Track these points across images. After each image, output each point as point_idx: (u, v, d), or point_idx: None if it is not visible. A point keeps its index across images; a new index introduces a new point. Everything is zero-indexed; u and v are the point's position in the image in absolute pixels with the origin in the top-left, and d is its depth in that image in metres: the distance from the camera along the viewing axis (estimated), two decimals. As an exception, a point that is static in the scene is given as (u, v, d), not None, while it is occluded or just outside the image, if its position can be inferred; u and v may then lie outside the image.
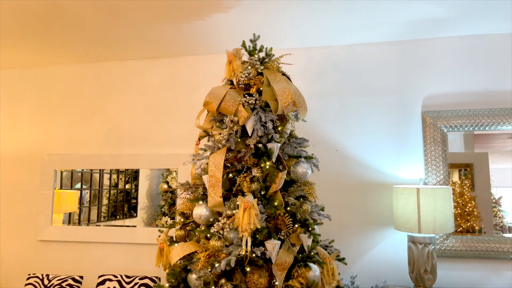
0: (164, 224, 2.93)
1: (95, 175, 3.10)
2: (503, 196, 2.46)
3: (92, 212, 3.08)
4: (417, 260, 2.24)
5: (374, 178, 2.60)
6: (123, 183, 3.07)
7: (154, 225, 3.02)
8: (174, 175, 3.04)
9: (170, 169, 2.97)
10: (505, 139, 2.48)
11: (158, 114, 3.02)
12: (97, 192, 3.08)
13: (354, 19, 2.40)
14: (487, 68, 2.54)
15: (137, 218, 3.05)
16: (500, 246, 2.36)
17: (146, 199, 3.07)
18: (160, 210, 2.99)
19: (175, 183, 3.04)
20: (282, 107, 1.91)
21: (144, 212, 3.07)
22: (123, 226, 3.03)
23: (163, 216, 3.06)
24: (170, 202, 3.06)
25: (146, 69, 3.09)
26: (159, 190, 3.05)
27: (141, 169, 3.00)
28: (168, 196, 3.07)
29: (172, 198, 3.04)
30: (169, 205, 3.07)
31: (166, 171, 3.01)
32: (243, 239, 1.77)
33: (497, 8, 2.23)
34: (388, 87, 2.67)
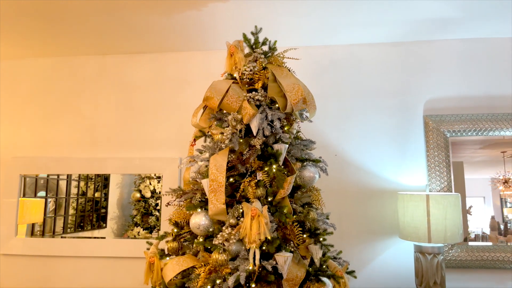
0: (136, 235, 2.69)
1: (61, 182, 2.80)
2: (473, 205, 2.39)
3: (57, 223, 2.78)
4: (426, 272, 2.10)
5: (375, 184, 2.47)
6: (92, 191, 2.80)
7: (126, 236, 2.76)
8: (148, 183, 2.81)
9: (155, 174, 2.71)
10: (476, 149, 2.41)
11: (140, 114, 2.76)
12: (62, 200, 2.78)
13: (355, 17, 2.27)
14: (488, 72, 2.48)
15: (107, 229, 2.78)
16: (506, 255, 2.27)
17: (116, 209, 2.81)
18: (132, 220, 2.74)
19: (148, 191, 2.81)
20: (292, 104, 1.73)
21: (114, 222, 2.81)
22: (91, 237, 2.75)
23: (135, 227, 2.81)
24: (143, 211, 2.82)
25: (128, 65, 2.83)
26: (131, 199, 2.80)
27: (112, 177, 2.74)
28: (141, 205, 2.83)
29: (145, 207, 2.80)
30: (142, 215, 2.83)
31: (139, 178, 2.77)
32: (250, 251, 1.56)
33: (499, 11, 2.17)
34: (389, 89, 2.55)
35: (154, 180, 2.76)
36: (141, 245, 2.60)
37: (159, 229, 2.66)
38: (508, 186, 2.37)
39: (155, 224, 2.76)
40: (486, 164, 2.41)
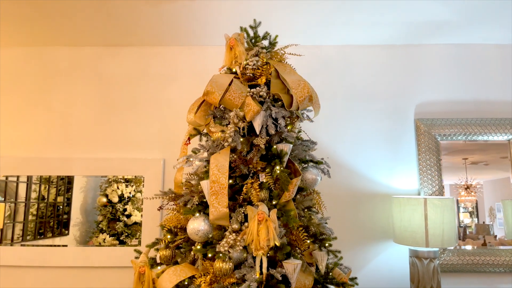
0: (102, 242, 2.49)
1: (21, 186, 2.54)
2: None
3: (12, 230, 2.52)
4: (422, 277, 2.06)
5: (367, 187, 2.42)
6: (54, 196, 2.57)
7: (91, 243, 2.54)
8: (115, 187, 2.62)
9: (123, 177, 2.51)
10: (442, 155, 2.45)
11: (119, 111, 2.56)
12: (20, 205, 2.52)
13: (350, 16, 2.23)
14: (476, 78, 2.51)
15: (69, 236, 2.56)
16: (496, 259, 2.29)
17: (80, 214, 2.59)
18: (97, 226, 2.53)
19: (116, 196, 2.62)
20: (297, 101, 1.64)
21: (77, 229, 2.58)
22: (53, 245, 2.52)
23: (100, 233, 2.61)
24: (110, 217, 2.63)
25: (106, 58, 2.62)
26: (97, 203, 2.60)
27: (76, 180, 2.51)
28: (107, 211, 2.63)
29: (112, 213, 2.61)
30: (109, 220, 2.64)
31: (105, 182, 2.57)
32: (257, 259, 1.44)
33: (488, 18, 2.21)
34: (380, 91, 2.53)
35: (122, 184, 2.57)
36: (109, 252, 2.41)
37: (137, 237, 2.46)
38: (469, 192, 2.40)
39: (123, 230, 2.57)
40: (448, 170, 2.43)
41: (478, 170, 2.41)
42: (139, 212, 2.50)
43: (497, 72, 2.51)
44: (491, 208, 2.39)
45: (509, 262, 2.28)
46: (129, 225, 2.54)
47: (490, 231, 2.37)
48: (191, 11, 2.18)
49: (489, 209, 2.39)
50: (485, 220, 2.37)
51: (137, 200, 2.52)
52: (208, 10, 2.17)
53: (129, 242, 2.49)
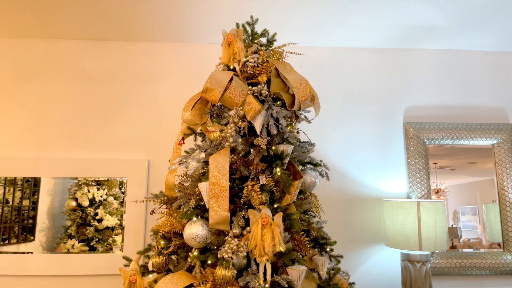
0: (70, 249, 2.34)
1: None
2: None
3: None
4: (415, 281, 2.06)
5: (357, 191, 2.40)
6: (18, 199, 2.39)
7: (59, 250, 2.39)
8: (86, 191, 2.48)
9: (95, 179, 2.37)
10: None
11: (100, 109, 2.42)
12: None
13: (341, 19, 2.22)
14: (464, 83, 2.56)
15: (35, 242, 2.39)
16: (482, 261, 2.32)
17: (46, 219, 2.43)
18: (65, 232, 2.38)
19: (86, 199, 2.47)
20: (299, 101, 1.58)
21: (44, 234, 2.42)
22: (18, 252, 2.34)
23: (68, 239, 2.46)
24: (80, 222, 2.48)
25: (86, 52, 2.47)
26: (65, 207, 2.45)
27: (42, 183, 2.35)
28: (77, 215, 2.49)
29: (82, 217, 2.47)
30: (78, 225, 2.49)
31: (75, 185, 2.43)
32: (260, 265, 1.36)
33: (476, 24, 2.25)
34: (371, 95, 2.52)
35: (94, 187, 2.43)
36: (82, 260, 2.27)
37: (109, 243, 2.32)
38: (439, 196, 2.44)
39: (93, 236, 2.42)
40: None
41: (445, 175, 2.45)
42: (111, 216, 2.37)
43: (483, 78, 2.57)
44: (455, 211, 2.43)
45: (495, 265, 2.32)
46: (100, 230, 2.40)
47: (458, 234, 2.41)
48: (181, 7, 2.08)
49: (453, 213, 2.43)
50: (449, 223, 2.41)
51: (110, 204, 2.38)
52: (198, 7, 2.08)
53: (99, 248, 2.35)
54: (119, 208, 2.38)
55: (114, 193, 2.39)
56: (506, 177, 2.42)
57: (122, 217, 2.36)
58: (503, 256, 2.33)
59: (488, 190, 2.44)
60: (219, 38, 2.45)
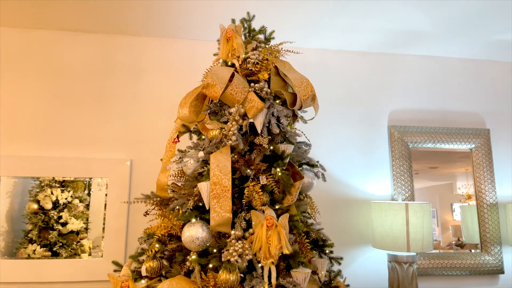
0: (31, 254, 2.20)
1: None
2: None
3: None
4: (402, 282, 2.08)
5: (343, 193, 2.41)
6: None
7: (20, 255, 2.24)
8: (49, 193, 2.34)
9: (58, 179, 2.23)
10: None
11: (78, 105, 2.28)
12: None
13: (328, 22, 2.22)
14: (444, 89, 2.64)
15: None
16: (462, 262, 2.39)
17: (5, 222, 2.27)
18: (25, 236, 2.24)
19: (49, 202, 2.34)
20: (301, 100, 1.55)
21: (2, 239, 2.27)
22: None
23: (29, 244, 2.32)
24: (42, 226, 2.34)
25: (64, 44, 2.32)
26: (26, 210, 2.30)
27: (2, 183, 2.20)
28: (39, 219, 2.35)
29: (45, 221, 2.33)
30: (40, 229, 2.35)
31: (36, 187, 2.29)
32: (265, 268, 1.32)
33: (457, 32, 2.32)
34: (357, 97, 2.55)
35: (57, 188, 2.30)
36: (45, 266, 2.13)
37: (73, 248, 2.19)
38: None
39: (57, 240, 2.29)
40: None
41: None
42: (76, 220, 2.24)
43: (461, 85, 2.66)
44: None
45: (474, 265, 2.40)
46: (64, 235, 2.26)
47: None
48: (168, 1, 2.00)
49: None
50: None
51: (75, 207, 2.25)
52: (185, 2, 2.01)
53: (63, 254, 2.21)
54: (85, 211, 2.25)
55: (80, 195, 2.26)
56: (483, 180, 2.51)
57: (88, 220, 2.23)
58: (482, 257, 2.41)
59: (446, 194, 2.52)
60: (207, 35, 2.39)
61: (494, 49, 2.54)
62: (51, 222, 2.23)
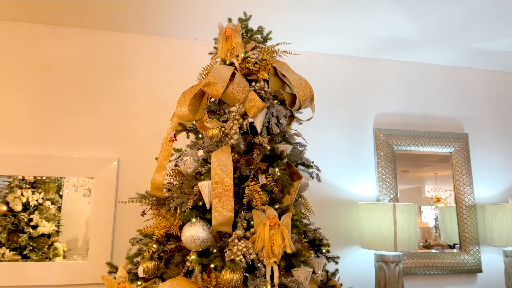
0: (0, 258, 2.12)
1: None
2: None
3: None
4: (389, 281, 2.13)
5: (330, 194, 2.44)
6: None
7: None
8: (19, 194, 2.27)
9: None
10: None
11: (63, 101, 2.20)
12: None
13: (318, 25, 2.26)
14: (426, 94, 2.73)
15: None
16: (442, 261, 2.48)
17: None
18: None
19: (19, 203, 2.26)
20: (300, 101, 1.56)
21: None
22: None
23: None
24: (11, 228, 2.26)
25: (47, 38, 2.24)
26: None
27: None
28: (8, 221, 2.27)
29: (14, 223, 2.25)
30: (9, 232, 2.27)
31: (5, 187, 2.21)
32: (267, 268, 1.31)
33: (439, 40, 2.42)
34: (343, 100, 2.59)
35: (28, 190, 2.22)
36: (27, 269, 2.04)
37: (44, 251, 2.11)
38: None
39: (27, 244, 2.21)
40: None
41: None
42: (48, 222, 2.16)
43: (442, 90, 2.76)
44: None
45: (454, 265, 2.48)
46: (35, 238, 2.18)
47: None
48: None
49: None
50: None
51: (46, 209, 2.17)
52: (175, 1, 1.98)
53: (34, 257, 2.13)
54: (56, 213, 2.17)
55: (52, 197, 2.18)
56: (462, 182, 2.62)
57: (60, 223, 2.16)
58: (461, 256, 2.51)
59: (415, 197, 2.61)
60: (197, 34, 2.37)
61: (472, 57, 2.66)
62: (21, 225, 2.14)
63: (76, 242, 2.16)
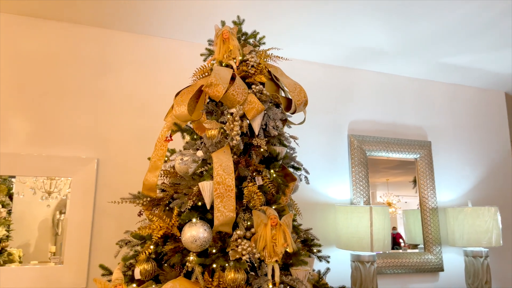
0: None
1: None
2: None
3: None
4: (365, 279, 2.23)
5: (308, 197, 2.51)
6: None
7: None
8: None
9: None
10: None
11: (38, 97, 2.09)
12: None
13: (296, 33, 2.35)
14: (395, 104, 2.90)
15: None
16: (409, 260, 2.63)
17: None
18: None
19: None
20: (296, 105, 1.62)
21: None
22: None
23: None
24: None
25: (23, 30, 2.12)
26: None
27: None
28: None
29: None
30: None
31: None
32: (268, 267, 1.34)
33: (409, 53, 2.59)
34: (320, 107, 2.69)
35: None
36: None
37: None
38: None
39: None
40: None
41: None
42: None
43: (410, 101, 2.95)
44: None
45: (418, 264, 2.65)
46: None
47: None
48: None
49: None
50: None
51: None
52: None
53: None
54: (7, 217, 2.07)
55: (2, 199, 2.07)
56: (426, 187, 2.80)
57: (10, 227, 2.05)
58: (425, 256, 2.68)
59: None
60: (179, 34, 2.35)
61: (437, 70, 2.87)
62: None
63: (28, 248, 2.05)
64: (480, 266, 2.47)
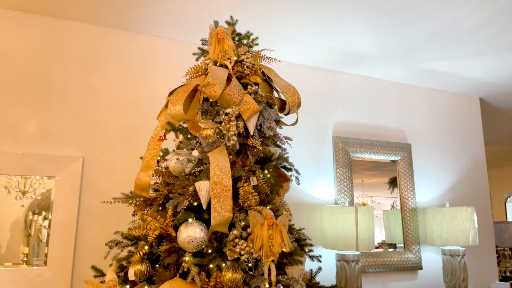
0: None
1: None
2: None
3: None
4: (350, 279, 2.27)
5: (293, 197, 2.54)
6: None
7: None
8: None
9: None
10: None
11: (20, 93, 2.02)
12: None
13: (284, 34, 2.37)
14: (378, 107, 2.98)
15: None
16: (389, 259, 2.71)
17: None
18: None
19: None
20: (290, 106, 1.63)
21: None
22: None
23: None
24: None
25: (4, 24, 2.04)
26: None
27: None
28: None
29: None
30: None
31: None
32: (265, 266, 1.35)
33: (392, 58, 2.67)
34: (307, 109, 2.72)
35: None
36: None
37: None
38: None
39: None
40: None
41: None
42: None
43: (391, 104, 3.03)
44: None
45: (399, 262, 2.73)
46: None
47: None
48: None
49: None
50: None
51: None
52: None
53: None
54: None
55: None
56: (406, 188, 2.89)
57: None
58: (405, 255, 2.76)
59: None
60: (170, 33, 2.32)
61: (417, 75, 2.97)
62: None
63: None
64: (458, 264, 2.57)
